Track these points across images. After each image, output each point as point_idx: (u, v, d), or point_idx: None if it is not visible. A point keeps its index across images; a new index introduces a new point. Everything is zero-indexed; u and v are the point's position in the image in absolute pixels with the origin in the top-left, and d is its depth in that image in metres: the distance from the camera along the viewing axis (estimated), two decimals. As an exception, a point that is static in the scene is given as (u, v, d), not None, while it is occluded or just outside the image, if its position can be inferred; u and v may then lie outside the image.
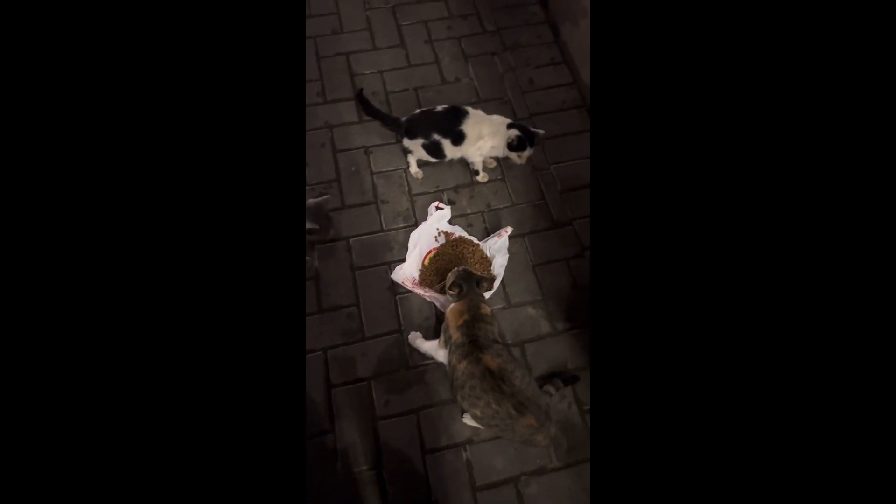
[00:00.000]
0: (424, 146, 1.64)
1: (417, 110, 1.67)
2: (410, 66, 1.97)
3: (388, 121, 1.76)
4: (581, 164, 1.81)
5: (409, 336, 1.45)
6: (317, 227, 1.43)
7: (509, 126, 1.59)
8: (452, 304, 1.30)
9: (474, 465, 1.32)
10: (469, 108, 1.63)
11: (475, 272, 1.35)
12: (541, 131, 1.62)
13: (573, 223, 1.70)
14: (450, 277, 1.35)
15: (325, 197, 1.51)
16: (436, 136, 1.61)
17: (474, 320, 1.24)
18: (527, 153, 1.61)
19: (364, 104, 1.79)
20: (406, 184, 1.75)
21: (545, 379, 1.41)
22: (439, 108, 1.64)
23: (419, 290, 1.54)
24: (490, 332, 1.25)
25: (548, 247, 1.66)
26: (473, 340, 1.21)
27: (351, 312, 1.52)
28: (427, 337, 1.44)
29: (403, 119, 1.67)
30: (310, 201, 1.46)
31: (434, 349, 1.36)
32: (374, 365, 1.45)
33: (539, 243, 1.67)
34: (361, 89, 1.82)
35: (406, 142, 1.67)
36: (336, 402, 1.39)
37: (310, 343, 1.47)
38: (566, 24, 1.95)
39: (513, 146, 1.59)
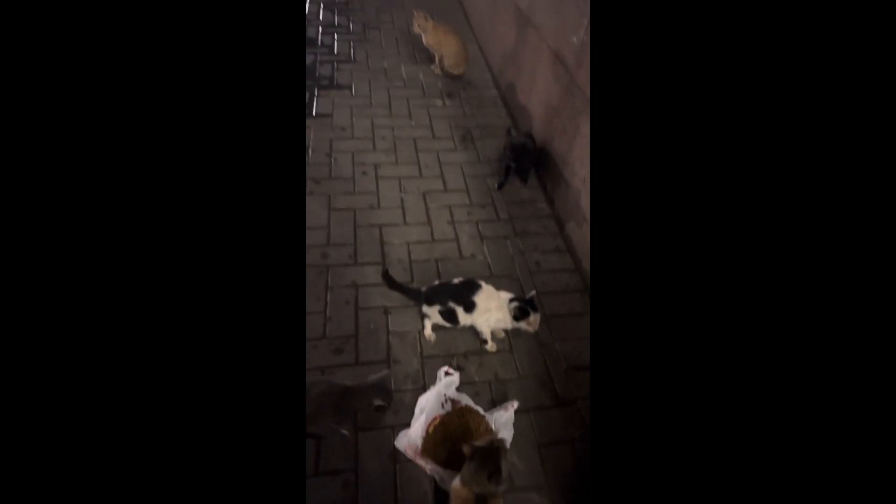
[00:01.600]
0: (441, 312, 1.79)
1: (437, 282, 1.88)
2: (434, 240, 2.27)
3: (410, 293, 1.93)
4: (584, 343, 1.93)
5: None
6: (384, 404, 1.49)
7: (510, 300, 1.77)
8: (455, 486, 1.26)
9: None
10: (483, 283, 1.82)
11: (497, 447, 1.27)
12: (533, 292, 1.80)
13: (577, 402, 1.73)
14: (467, 450, 1.28)
15: (385, 373, 1.60)
16: (451, 304, 1.78)
17: None
18: (532, 318, 1.75)
19: (388, 281, 1.97)
20: (419, 346, 1.85)
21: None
22: (456, 280, 1.84)
23: (420, 461, 1.50)
24: None
25: (553, 426, 1.66)
26: None
27: (348, 480, 1.46)
28: (425, 518, 1.35)
29: (424, 289, 1.86)
30: (372, 377, 1.55)
31: None
32: (363, 547, 1.33)
33: (544, 422, 1.67)
34: (386, 270, 2.01)
35: (425, 308, 1.83)
36: (315, 593, 1.24)
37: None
38: (570, 223, 2.29)
39: (517, 316, 1.74)
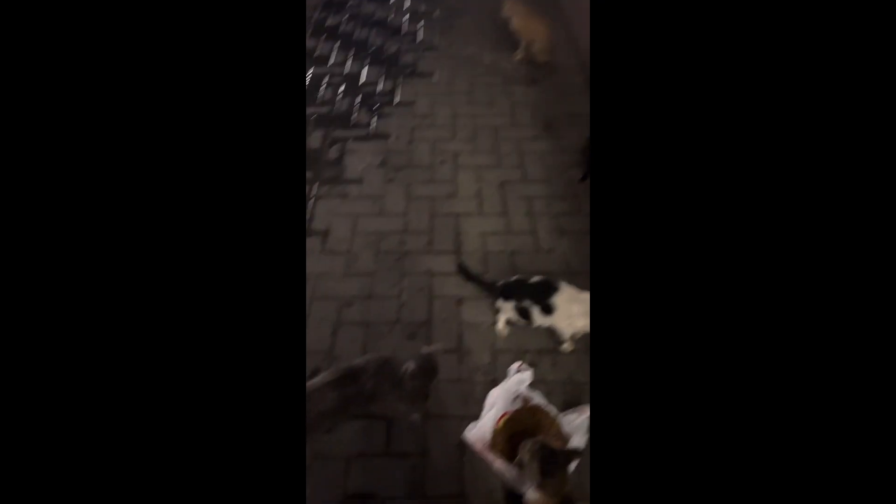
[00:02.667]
0: (516, 308, 1.74)
1: (514, 277, 1.82)
2: (510, 232, 2.21)
3: (485, 286, 1.89)
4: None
5: None
6: (419, 372, 1.49)
7: None
8: (535, 499, 1.21)
9: None
10: (562, 284, 1.73)
11: (564, 454, 1.25)
12: None
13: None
14: (524, 451, 1.27)
15: (436, 347, 1.60)
16: (527, 303, 1.72)
17: None
18: None
19: (464, 272, 1.95)
20: (491, 338, 1.82)
21: None
22: (535, 279, 1.77)
23: (489, 457, 1.48)
24: None
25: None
26: None
27: (416, 464, 1.49)
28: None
29: (500, 283, 1.82)
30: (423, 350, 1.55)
31: None
32: (429, 532, 1.35)
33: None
34: (462, 261, 2.01)
35: (500, 303, 1.79)
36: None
37: (371, 486, 1.43)
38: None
39: None
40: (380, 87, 3.06)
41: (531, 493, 1.22)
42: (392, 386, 1.48)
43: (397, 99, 2.98)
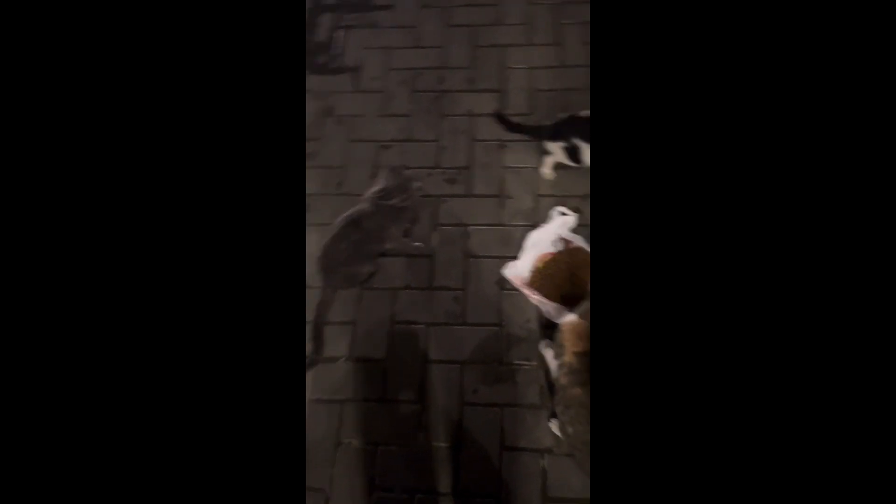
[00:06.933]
0: (565, 149, 1.62)
1: (565, 114, 1.65)
2: (563, 66, 1.94)
3: (532, 131, 1.75)
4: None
5: (542, 343, 1.46)
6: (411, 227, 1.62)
7: None
8: (571, 319, 1.28)
9: (549, 476, 1.31)
10: None
11: None
12: None
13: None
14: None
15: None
16: (577, 141, 1.58)
17: None
18: None
19: (504, 123, 1.79)
20: (534, 183, 1.75)
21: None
22: (584, 112, 1.60)
23: (527, 291, 1.54)
24: None
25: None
26: None
27: (458, 296, 1.58)
28: (528, 339, 1.45)
29: (549, 123, 1.66)
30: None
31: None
32: (469, 351, 1.49)
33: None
34: (499, 112, 1.82)
35: (547, 143, 1.66)
36: (428, 377, 1.46)
37: (415, 315, 1.56)
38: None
39: None
40: None
41: (566, 320, 1.29)
42: (391, 221, 1.60)
43: None
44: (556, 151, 1.66)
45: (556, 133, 1.63)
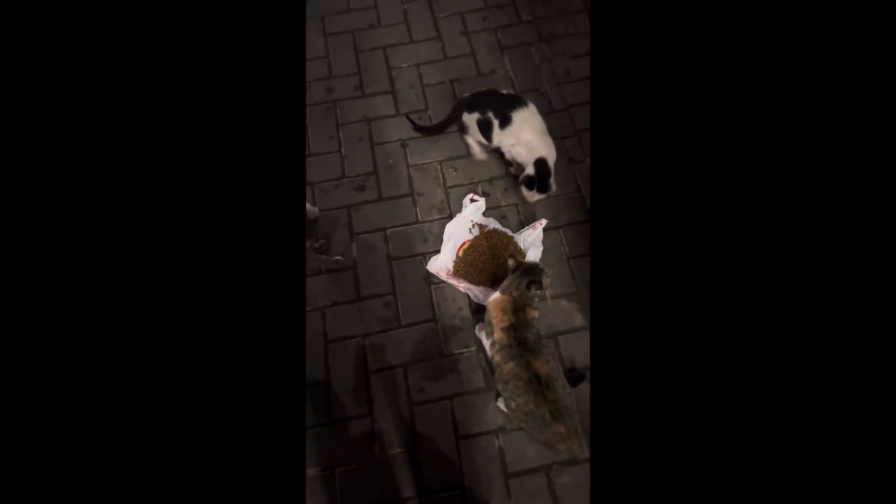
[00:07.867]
0: (478, 121, 1.65)
1: (484, 88, 1.70)
2: (446, 58, 1.99)
3: (448, 120, 1.77)
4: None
5: (476, 328, 1.49)
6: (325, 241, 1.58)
7: (535, 161, 1.58)
8: (494, 298, 1.32)
9: (507, 453, 1.35)
10: (531, 104, 1.62)
11: (540, 268, 1.33)
12: (554, 184, 1.62)
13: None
14: (511, 262, 1.35)
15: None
16: (489, 115, 1.62)
17: (521, 325, 1.24)
18: (531, 195, 1.63)
19: (417, 127, 1.82)
20: (441, 176, 1.78)
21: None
22: (504, 91, 1.66)
23: (453, 281, 1.57)
24: (537, 333, 1.26)
25: (583, 239, 1.65)
26: (522, 343, 1.22)
27: (388, 301, 1.57)
28: (463, 327, 1.47)
29: (467, 95, 1.69)
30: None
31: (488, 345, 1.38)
32: (409, 352, 1.49)
33: (574, 236, 1.66)
34: (408, 115, 1.85)
35: (465, 116, 1.68)
36: (373, 387, 1.45)
37: (347, 330, 1.53)
38: (606, 13, 1.92)
39: (521, 181, 1.62)
40: None
41: (491, 299, 1.32)
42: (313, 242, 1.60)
43: None
44: (472, 125, 1.67)
45: (472, 104, 1.66)
